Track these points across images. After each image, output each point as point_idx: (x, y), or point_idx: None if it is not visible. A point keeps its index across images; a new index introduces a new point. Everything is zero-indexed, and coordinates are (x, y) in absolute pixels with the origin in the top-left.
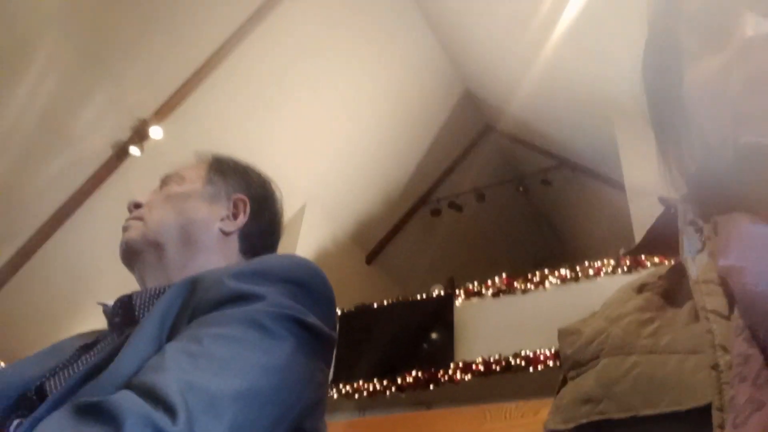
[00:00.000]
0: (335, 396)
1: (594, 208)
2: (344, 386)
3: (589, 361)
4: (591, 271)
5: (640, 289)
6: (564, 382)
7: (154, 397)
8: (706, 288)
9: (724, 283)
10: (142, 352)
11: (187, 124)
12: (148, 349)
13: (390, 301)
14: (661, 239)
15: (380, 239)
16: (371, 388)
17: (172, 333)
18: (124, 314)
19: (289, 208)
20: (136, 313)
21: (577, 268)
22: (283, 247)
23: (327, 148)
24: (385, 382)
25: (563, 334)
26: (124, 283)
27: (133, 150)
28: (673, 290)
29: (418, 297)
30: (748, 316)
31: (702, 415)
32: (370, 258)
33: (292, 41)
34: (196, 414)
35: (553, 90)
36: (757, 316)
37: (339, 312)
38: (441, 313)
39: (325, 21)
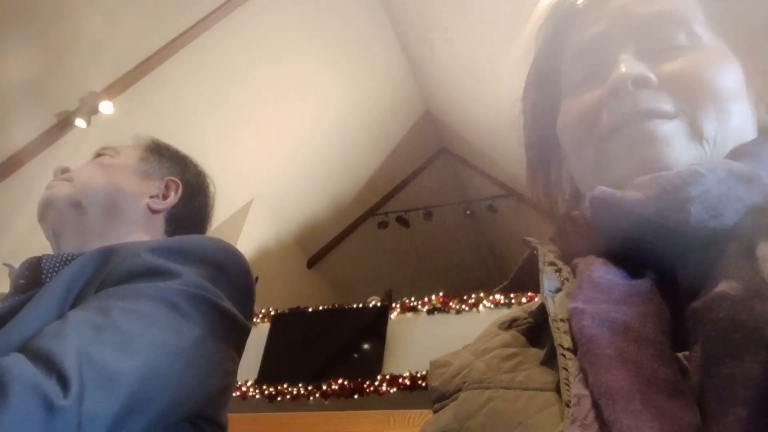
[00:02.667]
0: (257, 396)
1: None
2: (267, 387)
3: (452, 394)
4: (524, 299)
5: (510, 324)
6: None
7: (48, 364)
8: (563, 326)
9: (569, 325)
10: (43, 315)
11: (143, 103)
12: (49, 312)
13: (325, 307)
14: (529, 277)
15: (324, 245)
16: (295, 392)
17: (77, 301)
18: (30, 276)
19: (235, 201)
20: (43, 276)
21: (511, 295)
22: (224, 239)
23: (283, 148)
24: (310, 387)
25: (434, 366)
26: None
27: (79, 122)
28: (540, 327)
29: (354, 306)
30: (581, 358)
31: None
32: (312, 262)
33: (263, 39)
34: (90, 388)
35: (508, 124)
36: (590, 357)
37: (272, 313)
38: (375, 324)
39: (299, 24)
